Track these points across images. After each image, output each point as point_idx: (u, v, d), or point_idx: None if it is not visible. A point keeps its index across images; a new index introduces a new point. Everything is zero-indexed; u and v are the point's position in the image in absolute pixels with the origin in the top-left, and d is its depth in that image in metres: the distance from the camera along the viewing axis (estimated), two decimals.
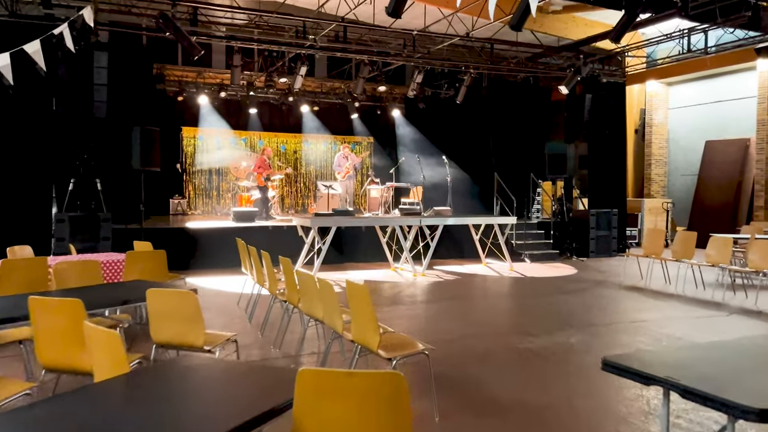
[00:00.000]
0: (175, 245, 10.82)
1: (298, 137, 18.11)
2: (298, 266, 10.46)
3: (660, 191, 17.80)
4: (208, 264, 10.78)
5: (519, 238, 13.08)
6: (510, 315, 7.54)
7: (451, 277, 10.49)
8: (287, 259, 5.51)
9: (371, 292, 9.23)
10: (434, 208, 13.90)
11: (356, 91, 13.11)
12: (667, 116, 17.93)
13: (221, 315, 7.20)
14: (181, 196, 16.39)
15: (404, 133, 17.73)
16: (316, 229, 10.26)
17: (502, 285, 9.94)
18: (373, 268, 11.33)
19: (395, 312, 7.48)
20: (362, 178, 18.56)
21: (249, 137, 17.73)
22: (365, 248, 12.07)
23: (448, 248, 13.04)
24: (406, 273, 10.71)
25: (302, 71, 12.06)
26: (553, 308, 7.83)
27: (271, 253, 11.94)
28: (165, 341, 3.89)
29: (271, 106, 17.78)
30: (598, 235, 13.68)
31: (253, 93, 15.83)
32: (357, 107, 17.63)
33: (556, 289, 9.30)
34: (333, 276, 10.18)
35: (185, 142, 16.82)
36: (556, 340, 6.01)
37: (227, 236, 11.30)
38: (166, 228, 11.04)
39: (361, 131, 18.74)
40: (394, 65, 14.46)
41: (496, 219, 11.70)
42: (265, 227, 11.64)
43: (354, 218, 10.99)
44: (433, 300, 8.44)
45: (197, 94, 15.86)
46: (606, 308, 7.91)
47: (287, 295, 5.51)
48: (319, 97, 17.89)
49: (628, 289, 9.32)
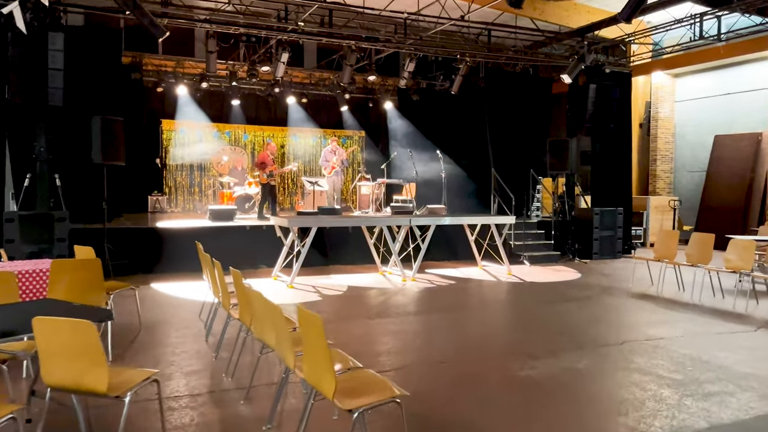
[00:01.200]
0: (141, 247, 9.93)
1: (285, 131, 17.20)
2: (276, 270, 9.57)
3: (666, 188, 16.91)
4: (175, 268, 9.87)
5: (518, 238, 12.19)
6: (508, 330, 6.64)
7: (443, 282, 9.59)
8: (237, 272, 4.61)
9: (354, 301, 8.42)
10: (428, 206, 13.00)
11: (343, 80, 12.18)
12: (673, 109, 17.02)
13: (177, 329, 6.30)
14: (160, 192, 15.46)
15: (397, 126, 16.81)
16: (295, 230, 9.36)
17: (500, 292, 9.05)
18: (360, 272, 10.43)
19: (377, 327, 6.58)
20: (353, 174, 17.67)
21: (233, 131, 16.81)
22: (352, 250, 11.17)
23: (441, 249, 12.14)
24: (394, 277, 9.82)
25: (284, 58, 11.13)
26: (556, 321, 6.93)
27: (248, 256, 11.13)
28: (58, 384, 2.98)
29: (256, 98, 16.87)
30: (602, 235, 12.79)
31: (235, 83, 14.89)
32: (347, 99, 16.73)
33: (559, 297, 8.41)
34: (315, 281, 9.28)
35: (165, 135, 15.89)
36: (562, 365, 5.12)
37: (200, 237, 10.37)
38: (132, 228, 10.11)
39: (352, 125, 17.83)
40: (384, 53, 13.54)
41: (493, 218, 10.79)
42: (242, 227, 10.73)
43: (337, 218, 10.08)
44: (422, 311, 7.54)
45: (177, 84, 14.93)
46: (616, 321, 7.01)
47: (240, 313, 4.61)
48: (308, 88, 16.98)
49: (639, 297, 8.43)
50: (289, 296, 8.13)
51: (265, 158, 12.09)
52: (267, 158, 12.07)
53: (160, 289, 8.49)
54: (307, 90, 16.92)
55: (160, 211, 14.92)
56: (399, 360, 5.28)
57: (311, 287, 8.81)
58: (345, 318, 6.97)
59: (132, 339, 5.81)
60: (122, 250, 9.60)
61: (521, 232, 12.15)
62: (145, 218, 12.29)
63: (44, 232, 8.67)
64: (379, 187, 14.36)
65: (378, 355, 5.39)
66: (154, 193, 15.25)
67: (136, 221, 11.32)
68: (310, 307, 7.45)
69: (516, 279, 9.96)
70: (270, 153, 12.23)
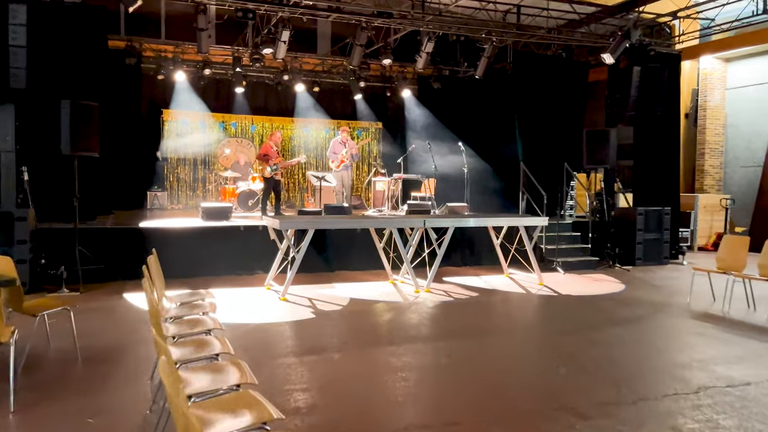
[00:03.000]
0: (121, 250, 8.74)
1: (295, 122, 15.93)
2: (269, 279, 8.30)
3: (714, 185, 15.23)
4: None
5: (550, 241, 10.73)
6: (542, 369, 5.25)
7: (463, 294, 8.21)
8: (155, 306, 3.32)
9: (353, 320, 6.59)
10: (448, 204, 11.68)
11: (353, 62, 10.84)
12: (724, 98, 15.31)
13: (122, 361, 5.05)
14: (160, 188, 14.34)
15: (415, 117, 15.43)
16: (290, 233, 8.09)
17: (530, 309, 7.64)
18: (368, 279, 9.12)
19: (375, 360, 5.25)
20: (368, 168, 16.36)
21: (240, 121, 15.61)
22: (360, 254, 9.83)
23: (462, 253, 10.77)
24: (406, 287, 8.48)
25: (284, 37, 9.84)
26: (604, 355, 5.51)
27: (243, 260, 9.77)
28: None
29: (265, 87, 15.66)
30: (647, 238, 11.25)
31: (239, 69, 13.67)
32: (362, 88, 15.41)
33: (603, 318, 6.97)
34: (313, 291, 7.99)
35: (166, 126, 14.76)
36: (621, 429, 3.72)
37: (188, 239, 9.20)
38: (110, 228, 8.93)
39: (368, 115, 16.49)
40: (400, 33, 12.15)
41: (522, 219, 9.36)
42: (236, 227, 9.49)
43: (340, 218, 8.79)
44: (432, 337, 6.17)
45: (179, 71, 13.77)
46: (681, 356, 5.57)
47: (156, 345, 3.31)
48: (320, 76, 15.70)
49: (701, 318, 6.95)
50: (278, 312, 6.85)
51: (268, 150, 10.82)
52: (270, 150, 10.80)
53: (133, 302, 7.28)
54: (320, 78, 15.66)
55: (159, 208, 13.80)
56: (392, 421, 3.93)
57: (307, 300, 7.52)
58: (334, 347, 5.65)
59: (57, 377, 4.58)
60: (99, 254, 8.43)
61: (554, 234, 10.68)
62: (137, 216, 11.13)
63: (2, 232, 7.53)
64: (395, 182, 13.06)
65: (362, 412, 4.05)
66: (154, 188, 14.13)
67: (124, 220, 10.16)
68: (298, 328, 6.15)
69: (549, 291, 8.53)
70: (274, 144, 10.94)
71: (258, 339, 5.67)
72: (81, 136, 8.00)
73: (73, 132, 7.90)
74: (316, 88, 15.52)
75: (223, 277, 9.00)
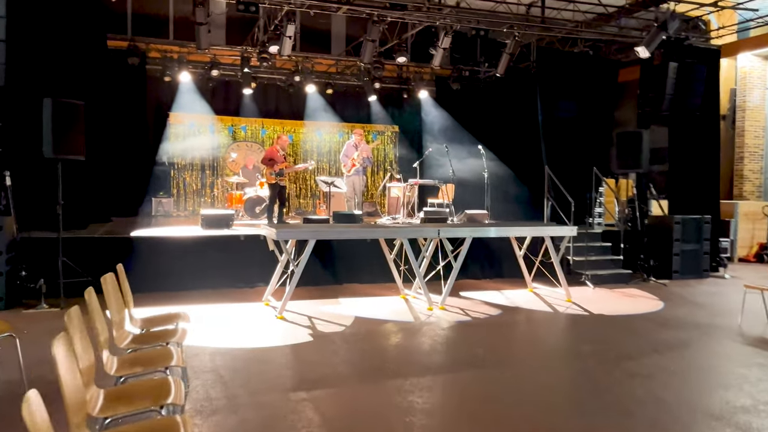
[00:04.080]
0: (110, 261, 8.03)
1: (307, 125, 15.23)
2: (267, 294, 7.57)
3: (754, 192, 14.16)
4: (151, 287, 7.97)
5: (578, 252, 9.85)
6: (575, 410, 4.42)
7: (481, 312, 7.38)
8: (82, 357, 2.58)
9: (355, 344, 5.68)
10: (466, 212, 10.85)
11: (364, 58, 10.09)
12: (764, 98, 14.26)
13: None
14: (166, 194, 13.74)
15: (433, 119, 14.65)
16: (291, 244, 7.35)
17: (557, 332, 6.79)
18: (378, 293, 8.34)
19: (376, 398, 4.47)
20: (384, 173, 15.61)
21: (249, 125, 14.97)
22: (371, 264, 9.03)
23: (481, 264, 9.93)
24: (419, 303, 7.68)
25: (289, 31, 9.13)
26: (646, 391, 4.65)
27: (243, 272, 8.43)
28: None
29: (276, 89, 15.01)
30: (684, 249, 10.30)
31: (248, 69, 13.05)
32: (377, 89, 14.69)
33: (643, 344, 6.09)
34: (315, 308, 7.22)
35: (172, 130, 14.17)
36: None
37: (183, 249, 8.51)
38: (99, 238, 8.27)
39: (383, 118, 15.74)
40: (415, 28, 11.40)
41: (547, 229, 8.49)
42: (236, 237, 8.78)
43: (349, 227, 8.02)
44: (448, 366, 5.36)
45: (185, 74, 13.21)
46: (742, 396, 4.68)
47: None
48: (334, 78, 15.02)
49: (759, 344, 6.03)
50: (272, 333, 6.11)
51: (273, 154, 10.11)
52: (276, 154, 10.08)
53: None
54: (333, 80, 14.98)
55: (164, 215, 13.18)
56: None
57: (306, 318, 6.76)
58: (328, 380, 4.87)
59: None
60: (85, 265, 7.76)
61: (582, 244, 9.79)
62: (135, 224, 10.50)
63: None
64: (411, 188, 12.27)
65: None
66: (159, 194, 13.53)
67: (120, 228, 9.52)
68: (291, 354, 5.39)
69: (578, 309, 7.65)
70: (280, 148, 10.21)
71: (240, 369, 4.92)
72: (64, 137, 7.35)
73: (55, 133, 7.25)
74: (330, 90, 14.84)
75: (221, 290, 8.30)
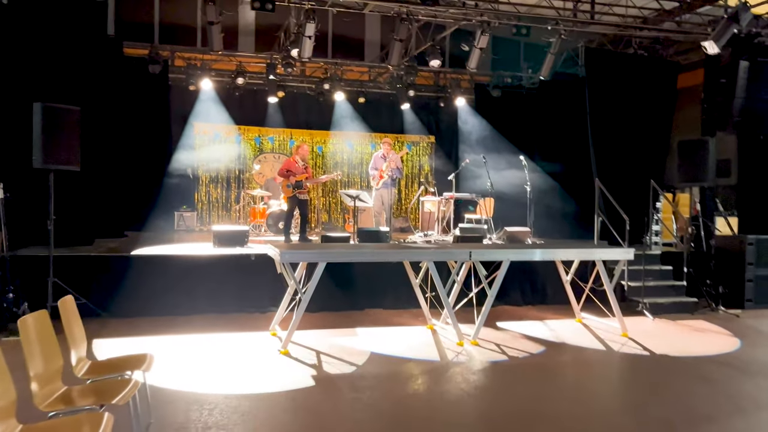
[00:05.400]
0: (107, 283, 7.34)
1: (338, 135, 14.44)
2: (275, 323, 6.69)
3: None
4: (150, 311, 7.24)
5: (634, 276, 8.65)
6: None
7: (521, 350, 6.29)
8: None
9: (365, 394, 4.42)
10: (506, 229, 9.79)
11: (392, 60, 9.21)
12: None
13: None
14: (189, 208, 13.13)
15: (471, 128, 13.66)
16: (302, 266, 6.47)
17: (614, 378, 5.68)
18: (402, 322, 7.37)
19: None
20: (417, 185, 14.67)
21: (277, 135, 14.28)
22: (397, 287, 8.01)
23: (522, 289, 8.85)
24: (449, 335, 6.66)
25: (309, 31, 8.34)
26: None
27: (256, 295, 7.37)
28: None
29: (306, 99, 14.29)
30: (759, 274, 8.95)
31: (273, 77, 12.37)
32: (412, 97, 13.82)
33: (720, 397, 4.91)
34: (327, 340, 6.29)
35: (197, 140, 13.59)
36: None
37: (189, 270, 7.71)
38: (94, 257, 7.53)
39: (419, 128, 14.84)
40: (450, 28, 10.46)
41: (599, 251, 7.34)
42: (246, 256, 7.95)
43: (362, 249, 7.08)
44: (477, 428, 4.33)
45: (212, 82, 12.68)
46: None
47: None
48: (366, 86, 14.23)
49: None
50: (270, 373, 5.20)
51: (290, 165, 9.29)
52: (293, 165, 9.26)
53: (96, 352, 5.80)
54: (366, 88, 14.19)
55: (186, 230, 12.56)
56: None
57: (314, 354, 5.83)
58: None
59: None
60: (80, 287, 7.05)
61: (639, 267, 8.58)
62: (148, 239, 9.82)
63: None
64: (446, 203, 11.29)
65: None
66: (181, 208, 12.93)
67: (126, 245, 8.84)
68: (286, 404, 4.47)
69: (636, 347, 6.48)
70: (300, 158, 9.37)
71: (215, 426, 4.01)
72: (57, 145, 6.71)
73: (47, 141, 6.61)
74: (362, 98, 14.05)
75: (228, 315, 7.47)
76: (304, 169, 9.40)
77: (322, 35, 13.70)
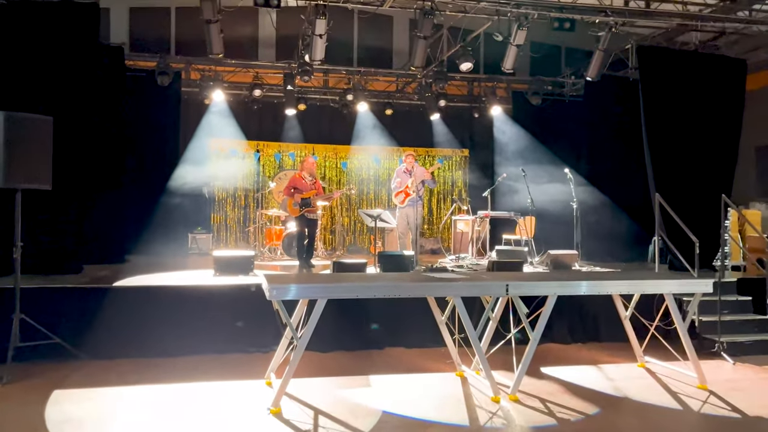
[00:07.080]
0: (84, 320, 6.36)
1: (362, 150, 13.38)
2: (270, 371, 5.57)
3: None
4: (136, 352, 6.23)
5: (706, 308, 7.22)
6: None
7: (571, 409, 5.01)
8: None
9: None
10: (550, 252, 8.59)
11: (415, 61, 8.13)
12: None
13: None
14: (204, 229, 12.23)
15: (508, 139, 12.41)
16: (303, 303, 5.36)
17: None
18: (426, 367, 6.16)
19: None
20: (451, 203, 13.50)
21: (298, 151, 13.32)
22: (422, 321, 6.80)
23: (570, 324, 7.52)
24: (482, 386, 5.43)
25: (319, 29, 7.32)
26: None
27: (258, 332, 6.00)
28: None
29: (330, 111, 13.31)
30: None
31: (291, 87, 11.43)
32: (443, 107, 12.71)
33: None
34: (331, 394, 5.11)
35: (213, 157, 12.72)
36: None
37: (184, 302, 6.68)
38: (70, 288, 6.56)
39: (450, 141, 13.69)
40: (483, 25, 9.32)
41: (667, 284, 5.98)
42: (245, 288, 6.88)
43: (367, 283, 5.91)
44: None
45: (226, 94, 11.90)
46: None
47: None
48: (394, 97, 13.20)
49: None
50: None
51: (296, 181, 8.27)
52: (300, 181, 8.23)
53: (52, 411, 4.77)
54: (393, 99, 13.15)
55: (198, 253, 11.65)
56: None
57: (311, 414, 4.68)
58: None
59: None
60: (52, 324, 6.10)
61: (713, 299, 7.15)
62: (149, 266, 8.88)
63: None
64: (481, 222, 10.11)
65: None
66: (197, 229, 12.04)
67: (118, 273, 7.89)
68: None
69: (721, 405, 5.11)
70: (308, 174, 8.35)
71: None
72: (23, 161, 5.80)
73: (9, 156, 5.70)
74: (389, 110, 13.01)
75: (225, 356, 6.40)
76: (313, 185, 8.34)
77: (347, 44, 12.86)
